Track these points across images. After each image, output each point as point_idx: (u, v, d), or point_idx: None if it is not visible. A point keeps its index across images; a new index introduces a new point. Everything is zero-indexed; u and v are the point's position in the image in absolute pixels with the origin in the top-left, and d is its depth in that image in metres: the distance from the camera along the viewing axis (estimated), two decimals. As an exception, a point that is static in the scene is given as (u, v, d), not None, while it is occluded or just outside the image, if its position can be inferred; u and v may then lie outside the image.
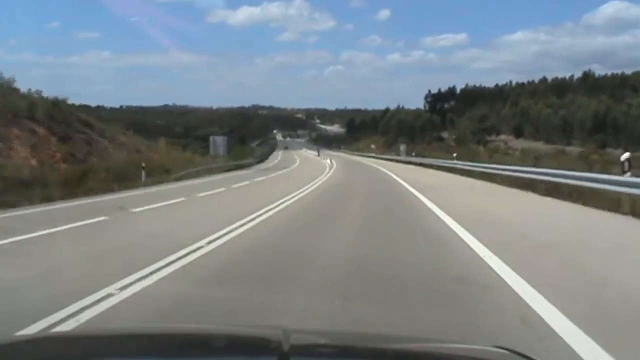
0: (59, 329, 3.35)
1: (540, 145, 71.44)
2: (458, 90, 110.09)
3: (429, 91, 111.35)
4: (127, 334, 1.72)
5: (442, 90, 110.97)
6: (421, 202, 11.58)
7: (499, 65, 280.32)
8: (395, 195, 13.82)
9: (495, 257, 5.42)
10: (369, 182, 19.62)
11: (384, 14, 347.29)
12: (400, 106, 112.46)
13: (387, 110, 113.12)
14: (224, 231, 7.23)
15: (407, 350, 1.54)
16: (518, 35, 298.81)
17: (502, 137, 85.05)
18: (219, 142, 31.00)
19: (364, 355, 1.48)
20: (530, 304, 3.84)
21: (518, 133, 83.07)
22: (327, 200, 12.99)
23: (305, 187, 15.76)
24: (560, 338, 3.18)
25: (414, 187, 14.96)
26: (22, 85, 21.09)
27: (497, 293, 4.22)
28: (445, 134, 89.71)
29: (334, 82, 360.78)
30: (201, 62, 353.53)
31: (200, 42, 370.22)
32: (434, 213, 9.50)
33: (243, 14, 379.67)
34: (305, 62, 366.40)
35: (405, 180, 18.00)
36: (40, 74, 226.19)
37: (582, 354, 2.94)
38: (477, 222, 8.14)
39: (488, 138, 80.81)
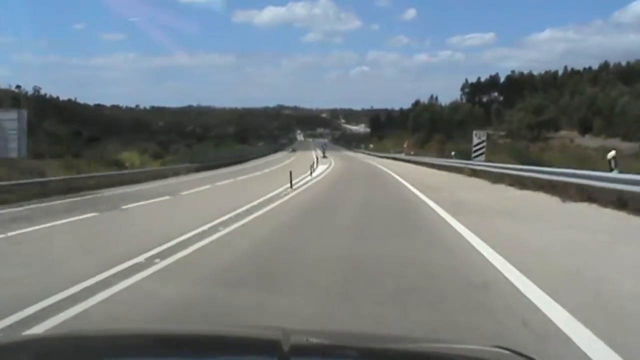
0: None
1: (619, 143, 54.79)
2: (502, 79, 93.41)
3: (466, 80, 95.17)
4: (126, 334, 1.68)
5: (482, 79, 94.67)
6: None
7: (527, 64, 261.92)
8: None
9: None
10: None
11: (410, 13, 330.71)
12: (434, 97, 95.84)
13: (417, 103, 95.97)
14: None
15: (407, 351, 1.54)
16: (546, 34, 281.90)
17: (563, 132, 68.23)
18: (5, 126, 13.69)
19: (364, 355, 1.47)
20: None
21: (584, 128, 65.96)
22: None
23: None
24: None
25: None
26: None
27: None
28: (489, 130, 73.27)
29: (360, 82, 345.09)
30: (226, 62, 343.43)
31: (225, 43, 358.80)
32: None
33: (268, 14, 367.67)
34: (330, 62, 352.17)
35: None
36: (68, 75, 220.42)
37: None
38: None
39: (547, 134, 64.36)
